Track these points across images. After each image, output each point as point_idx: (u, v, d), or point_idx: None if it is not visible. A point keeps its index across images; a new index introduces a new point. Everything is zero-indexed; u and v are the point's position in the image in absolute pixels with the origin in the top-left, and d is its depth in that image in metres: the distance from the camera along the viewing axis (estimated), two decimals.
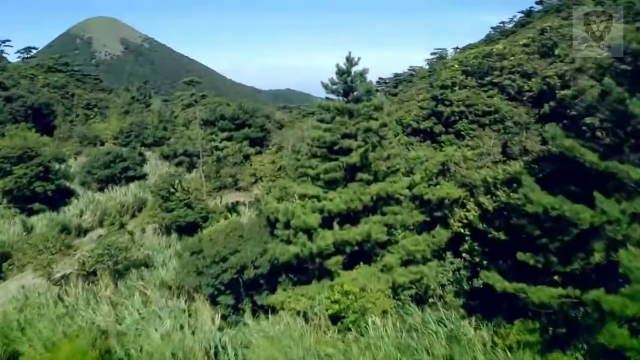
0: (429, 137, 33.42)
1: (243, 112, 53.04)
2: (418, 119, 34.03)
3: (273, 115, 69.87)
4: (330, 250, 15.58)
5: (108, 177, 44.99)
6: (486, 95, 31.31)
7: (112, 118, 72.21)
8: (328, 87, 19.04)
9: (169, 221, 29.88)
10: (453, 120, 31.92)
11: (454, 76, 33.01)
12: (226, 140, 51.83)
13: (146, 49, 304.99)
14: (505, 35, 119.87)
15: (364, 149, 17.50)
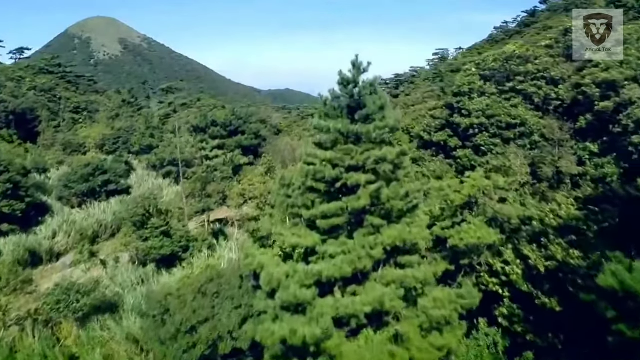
0: (443, 151, 29.02)
1: (236, 118, 48.65)
2: (430, 130, 29.63)
3: (270, 119, 65.50)
4: (329, 333, 11.21)
5: (87, 191, 40.58)
6: (509, 104, 26.91)
7: (100, 123, 67.88)
8: (327, 102, 14.69)
9: (144, 253, 25.53)
10: (472, 133, 27.50)
11: (471, 82, 28.63)
12: (217, 149, 47.61)
13: (145, 49, 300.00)
14: (509, 35, 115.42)
15: (375, 186, 13.16)
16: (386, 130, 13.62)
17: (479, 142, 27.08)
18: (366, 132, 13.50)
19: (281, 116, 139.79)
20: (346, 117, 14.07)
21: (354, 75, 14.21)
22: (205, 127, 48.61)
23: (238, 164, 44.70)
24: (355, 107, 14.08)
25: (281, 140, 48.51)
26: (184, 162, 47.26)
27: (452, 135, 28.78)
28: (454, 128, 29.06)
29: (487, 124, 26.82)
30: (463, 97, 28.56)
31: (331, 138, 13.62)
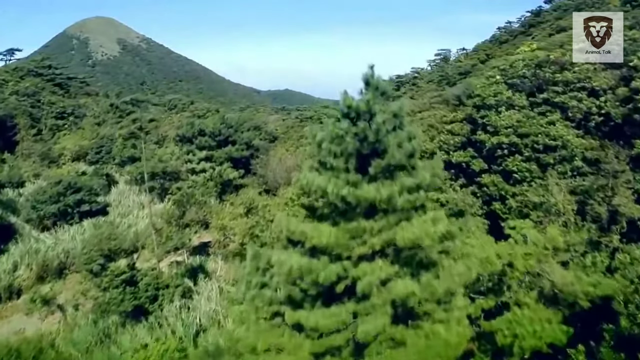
0: (464, 174, 23.86)
1: (226, 127, 43.51)
2: (448, 148, 24.45)
3: (265, 125, 60.25)
4: None
5: (57, 213, 35.51)
6: (545, 120, 21.73)
7: (85, 129, 62.72)
8: (324, 145, 9.65)
9: (103, 306, 20.46)
10: (500, 155, 22.38)
11: (498, 92, 23.41)
12: (205, 161, 42.50)
13: (143, 49, 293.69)
14: (514, 35, 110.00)
15: (401, 288, 8.13)
16: (420, 194, 8.53)
17: (511, 167, 21.94)
18: (388, 198, 8.40)
19: (280, 117, 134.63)
20: (354, 171, 8.99)
21: (369, 102, 9.14)
22: (192, 136, 43.45)
23: (227, 179, 39.59)
24: (369, 154, 9.02)
25: (274, 152, 43.35)
26: (168, 175, 42.32)
27: (476, 156, 23.63)
28: (477, 147, 23.88)
29: (520, 144, 21.71)
30: (488, 111, 23.37)
31: (328, 209, 8.54)
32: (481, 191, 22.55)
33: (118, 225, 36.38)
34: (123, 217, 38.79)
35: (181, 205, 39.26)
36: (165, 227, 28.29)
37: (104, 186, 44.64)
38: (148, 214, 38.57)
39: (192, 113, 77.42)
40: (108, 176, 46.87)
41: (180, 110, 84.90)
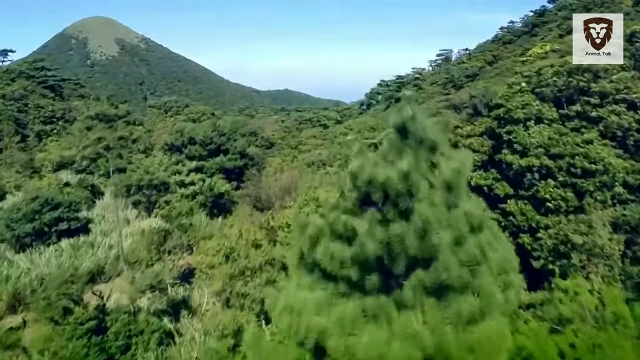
0: (486, 198, 20.57)
1: (217, 134, 40.26)
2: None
3: (261, 131, 57.04)
4: None
5: (33, 233, 32.27)
6: (580, 138, 18.48)
7: (74, 135, 59.26)
8: None
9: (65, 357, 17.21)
10: (530, 179, 19.10)
11: (526, 102, 20.06)
12: (195, 172, 39.28)
13: (142, 49, 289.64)
14: (517, 35, 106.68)
15: None
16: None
17: (543, 194, 18.67)
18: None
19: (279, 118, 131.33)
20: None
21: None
22: (181, 145, 40.20)
23: (218, 193, 36.34)
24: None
25: (270, 162, 40.08)
26: (155, 188, 39.10)
27: (500, 178, 20.33)
28: (502, 168, 20.58)
29: (553, 167, 18.45)
30: (515, 125, 20.06)
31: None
32: (506, 220, 19.34)
33: (99, 246, 33.25)
34: (106, 236, 35.58)
35: (169, 220, 36.16)
36: (144, 253, 25.01)
37: (88, 199, 41.43)
38: (133, 231, 35.55)
39: (186, 116, 74.17)
40: (93, 188, 43.62)
41: (174, 113, 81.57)
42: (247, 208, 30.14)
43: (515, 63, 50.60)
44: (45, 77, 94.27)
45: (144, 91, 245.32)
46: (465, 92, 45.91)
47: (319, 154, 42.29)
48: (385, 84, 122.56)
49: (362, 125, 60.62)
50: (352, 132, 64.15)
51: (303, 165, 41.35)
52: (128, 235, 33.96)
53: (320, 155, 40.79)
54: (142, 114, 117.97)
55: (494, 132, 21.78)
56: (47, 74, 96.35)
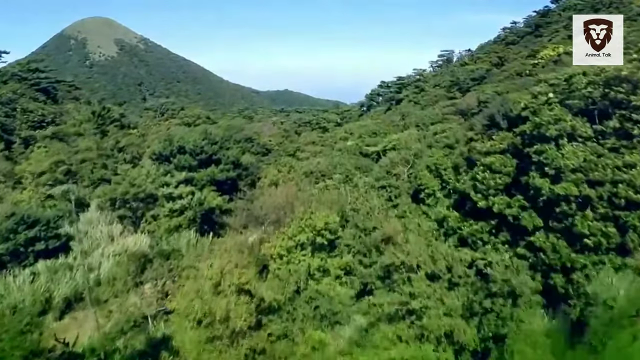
0: (509, 228, 17.45)
1: (209, 143, 37.28)
2: (486, 190, 17.95)
3: (257, 136, 53.95)
4: None
5: (6, 254, 29.37)
6: (621, 160, 15.56)
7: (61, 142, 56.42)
8: None
9: None
10: (563, 210, 15.94)
11: (558, 117, 17.01)
12: (185, 183, 36.23)
13: (142, 49, 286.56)
14: (521, 36, 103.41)
15: None
16: None
17: (580, 228, 15.58)
18: None
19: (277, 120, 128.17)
20: None
21: None
22: (170, 154, 37.23)
23: (209, 208, 33.39)
24: None
25: (265, 173, 37.07)
26: (141, 202, 36.16)
27: (527, 206, 17.19)
28: (529, 195, 17.40)
29: (593, 196, 15.39)
30: (546, 144, 16.95)
31: None
32: (533, 255, 16.33)
33: (78, 268, 30.32)
34: (87, 255, 32.60)
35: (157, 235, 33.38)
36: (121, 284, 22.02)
37: (72, 212, 38.43)
38: (116, 250, 32.61)
39: (181, 120, 71.12)
40: (78, 200, 40.54)
41: (169, 116, 78.53)
42: (239, 226, 27.10)
43: (524, 65, 47.61)
44: (38, 80, 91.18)
45: (142, 92, 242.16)
46: (473, 96, 42.92)
47: (317, 163, 39.30)
48: (385, 85, 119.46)
49: (363, 130, 57.58)
50: (352, 137, 61.11)
51: (301, 175, 38.39)
52: (110, 256, 31.02)
53: (319, 165, 37.79)
54: (140, 115, 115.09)
55: (519, 150, 18.70)
56: (40, 76, 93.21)
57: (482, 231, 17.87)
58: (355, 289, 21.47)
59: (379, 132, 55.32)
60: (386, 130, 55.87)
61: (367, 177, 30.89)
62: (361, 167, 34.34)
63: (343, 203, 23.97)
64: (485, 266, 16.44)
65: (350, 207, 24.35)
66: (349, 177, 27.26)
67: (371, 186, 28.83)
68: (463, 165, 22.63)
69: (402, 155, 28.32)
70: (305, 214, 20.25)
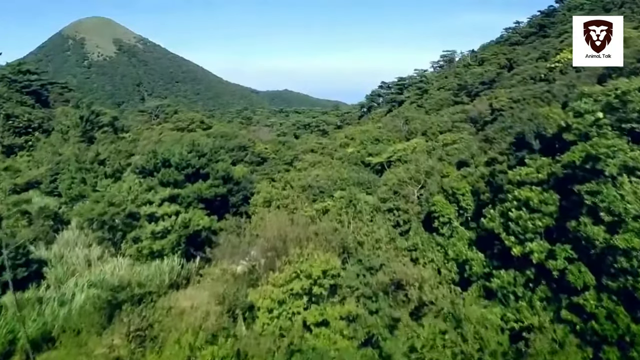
0: (549, 282, 13.85)
1: (196, 156, 33.61)
2: (522, 234, 14.15)
3: (253, 144, 50.18)
4: None
5: None
6: None
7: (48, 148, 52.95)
8: None
9: None
10: (623, 267, 12.40)
11: (615, 146, 13.32)
12: (169, 201, 32.58)
13: (140, 49, 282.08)
14: (525, 36, 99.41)
15: None
16: None
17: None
18: None
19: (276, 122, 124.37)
20: None
21: None
22: (154, 168, 33.57)
23: (195, 230, 29.75)
24: None
25: (259, 188, 33.38)
26: (123, 222, 32.44)
27: (574, 258, 13.54)
28: (579, 244, 13.71)
29: None
30: (602, 183, 13.25)
31: None
32: (583, 323, 12.64)
33: (48, 302, 26.65)
34: (62, 284, 28.99)
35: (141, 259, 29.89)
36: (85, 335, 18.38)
37: (48, 233, 34.87)
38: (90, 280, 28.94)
39: (174, 124, 67.23)
40: (57, 217, 36.94)
41: (162, 120, 74.66)
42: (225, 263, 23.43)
43: (538, 69, 43.88)
44: (28, 82, 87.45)
45: (141, 92, 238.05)
46: (484, 102, 39.26)
47: (316, 176, 35.64)
48: (386, 86, 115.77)
49: (365, 136, 53.83)
50: (353, 143, 57.40)
51: (298, 189, 34.74)
52: (83, 288, 27.35)
53: (317, 179, 34.13)
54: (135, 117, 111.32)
55: (563, 184, 14.95)
56: (30, 78, 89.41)
57: (515, 283, 14.23)
58: (358, 339, 17.83)
59: (382, 139, 51.60)
60: (389, 137, 52.14)
61: (371, 195, 27.24)
62: (364, 182, 30.72)
63: (344, 235, 20.39)
64: (522, 330, 12.84)
65: (353, 238, 20.77)
66: (351, 201, 23.66)
67: (376, 208, 25.22)
68: (485, 191, 19.00)
69: (411, 173, 24.69)
70: (301, 256, 16.67)
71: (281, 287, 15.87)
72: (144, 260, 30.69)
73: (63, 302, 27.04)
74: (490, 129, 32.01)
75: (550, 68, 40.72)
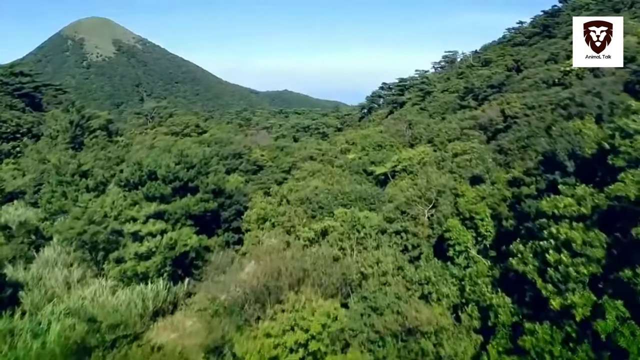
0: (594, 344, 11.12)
1: (184, 168, 30.89)
2: (556, 278, 11.25)
3: (249, 151, 47.35)
4: None
5: None
6: None
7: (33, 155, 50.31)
8: None
9: None
10: None
11: None
12: (155, 218, 29.89)
13: (139, 50, 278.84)
14: (529, 36, 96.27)
15: None
16: None
17: None
18: None
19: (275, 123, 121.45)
20: None
21: None
22: (139, 181, 30.86)
23: (180, 253, 27.07)
24: None
25: (253, 202, 30.63)
26: (105, 241, 29.77)
27: (627, 317, 10.70)
28: (633, 302, 10.95)
29: None
30: None
31: None
32: None
33: (20, 333, 23.96)
34: (38, 310, 26.31)
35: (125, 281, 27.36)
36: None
37: (28, 250, 32.31)
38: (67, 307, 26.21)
39: (168, 129, 64.31)
40: (38, 232, 34.28)
41: (157, 124, 71.81)
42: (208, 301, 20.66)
43: (550, 72, 40.99)
44: (20, 84, 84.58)
45: (140, 93, 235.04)
46: (494, 107, 36.49)
47: (315, 188, 32.90)
48: (387, 87, 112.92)
49: (367, 141, 51.02)
50: (354, 148, 54.63)
51: (295, 202, 32.00)
52: (60, 316, 24.65)
53: (316, 192, 31.38)
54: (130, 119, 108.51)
55: (611, 222, 12.17)
56: (22, 80, 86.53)
57: (552, 341, 11.51)
58: None
59: (385, 145, 48.81)
60: (392, 143, 49.34)
61: (375, 212, 24.49)
62: (367, 197, 27.99)
63: (346, 266, 17.73)
64: None
65: (356, 269, 18.07)
66: (355, 225, 20.89)
67: (382, 230, 22.50)
68: (508, 217, 16.29)
69: (421, 191, 21.90)
70: (297, 302, 13.98)
71: (273, 339, 13.21)
72: (128, 283, 28.10)
73: (37, 334, 24.34)
74: (504, 138, 29.20)
75: (564, 71, 37.87)
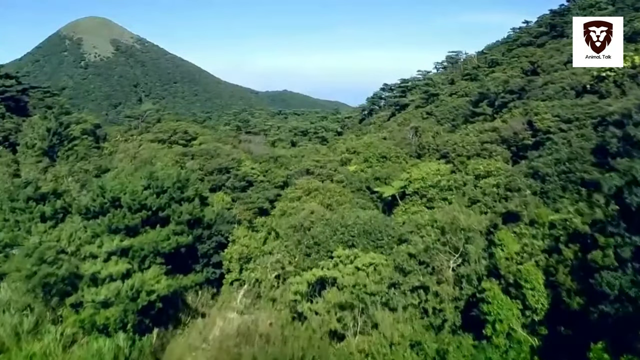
0: None
1: (153, 193, 25.57)
2: None
3: (237, 163, 41.80)
4: None
5: None
6: None
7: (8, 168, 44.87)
8: None
9: None
10: None
11: None
12: (118, 255, 24.54)
13: (138, 50, 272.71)
14: (535, 37, 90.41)
15: None
16: None
17: None
18: None
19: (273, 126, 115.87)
20: None
21: None
22: (100, 209, 25.59)
23: (146, 302, 21.77)
24: None
25: (237, 237, 25.35)
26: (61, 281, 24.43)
27: None
28: None
29: None
30: None
31: None
32: None
33: None
34: None
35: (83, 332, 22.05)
36: None
37: None
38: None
39: (154, 136, 58.59)
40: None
41: (143, 130, 66.34)
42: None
43: (577, 76, 35.42)
44: (3, 88, 79.07)
45: (138, 93, 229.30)
46: (518, 118, 31.07)
47: (310, 214, 27.65)
48: (389, 88, 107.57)
49: (370, 151, 45.63)
50: (356, 159, 49.28)
51: (288, 230, 26.73)
52: None
53: (312, 220, 26.14)
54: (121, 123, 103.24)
55: None
56: (6, 83, 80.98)
57: None
58: None
59: (390, 156, 43.37)
60: (398, 154, 43.90)
61: (385, 258, 19.13)
62: (372, 231, 22.70)
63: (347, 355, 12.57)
64: None
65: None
66: (361, 298, 15.63)
67: (392, 284, 17.24)
68: (572, 288, 11.10)
69: (445, 234, 16.65)
70: None
71: None
72: (89, 332, 22.91)
73: None
74: (537, 159, 23.66)
75: (598, 77, 32.38)
